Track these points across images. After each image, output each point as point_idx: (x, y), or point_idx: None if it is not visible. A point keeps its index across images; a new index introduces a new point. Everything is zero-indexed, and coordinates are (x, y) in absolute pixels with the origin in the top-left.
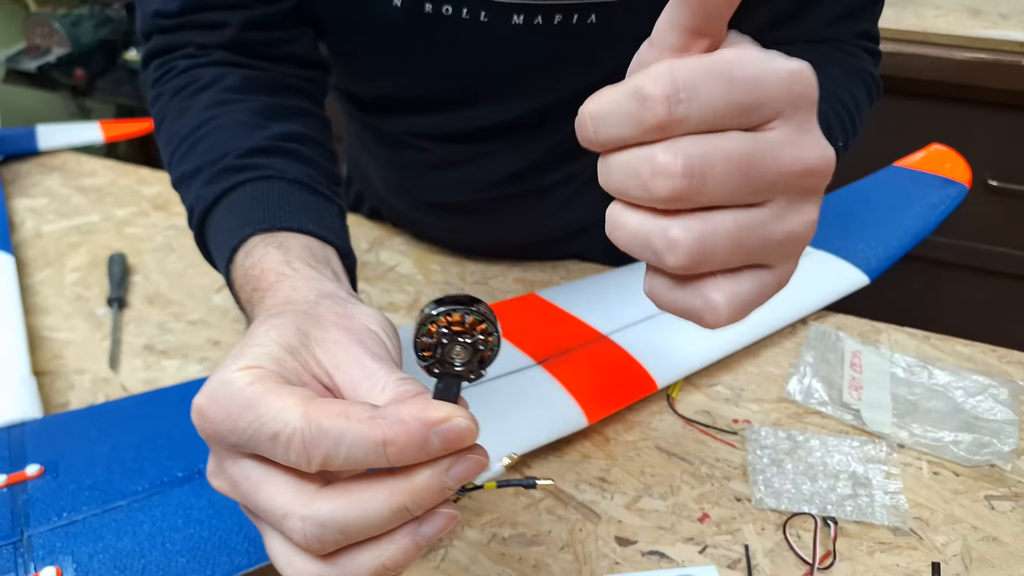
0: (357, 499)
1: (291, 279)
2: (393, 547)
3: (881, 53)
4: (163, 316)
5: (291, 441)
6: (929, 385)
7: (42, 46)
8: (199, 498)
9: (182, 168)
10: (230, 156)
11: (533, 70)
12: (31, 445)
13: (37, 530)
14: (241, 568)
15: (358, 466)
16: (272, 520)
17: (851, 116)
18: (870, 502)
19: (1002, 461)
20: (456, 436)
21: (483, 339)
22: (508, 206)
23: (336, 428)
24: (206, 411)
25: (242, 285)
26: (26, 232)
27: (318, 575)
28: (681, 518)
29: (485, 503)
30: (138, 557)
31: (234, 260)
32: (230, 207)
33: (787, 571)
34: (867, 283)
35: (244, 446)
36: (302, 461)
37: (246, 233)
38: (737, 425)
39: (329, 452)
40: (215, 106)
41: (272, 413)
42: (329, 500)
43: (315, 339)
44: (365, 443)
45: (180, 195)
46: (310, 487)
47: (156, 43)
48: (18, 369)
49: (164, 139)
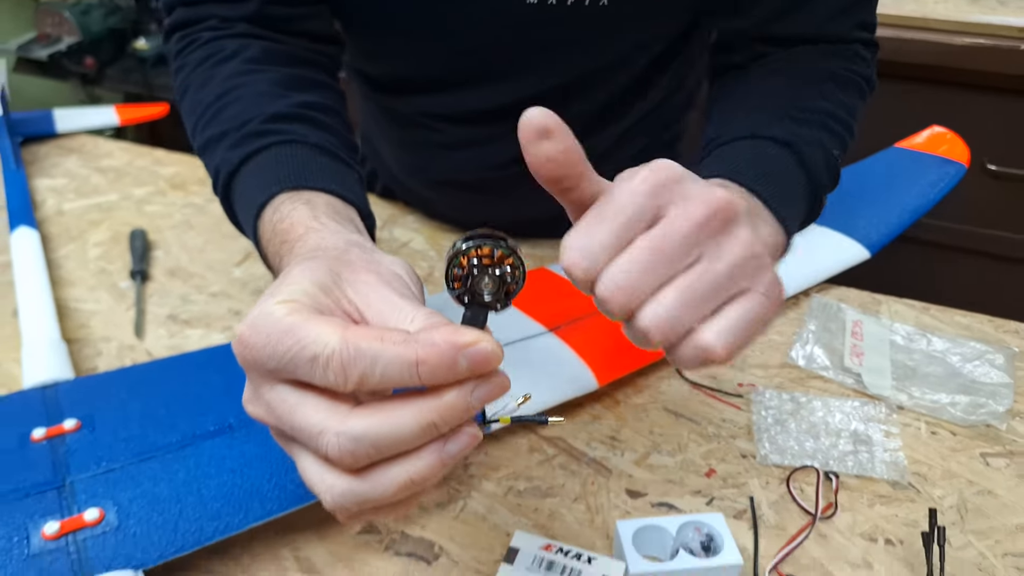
0: (389, 415)
1: (319, 232)
2: (420, 463)
3: (878, 44)
4: (185, 288)
5: (330, 361)
6: (928, 351)
7: (53, 35)
8: (231, 449)
9: (207, 134)
10: (254, 122)
11: (544, 51)
12: (66, 403)
13: (78, 476)
14: (272, 513)
15: (391, 385)
16: (307, 438)
17: (847, 128)
18: (870, 458)
19: (997, 421)
20: (483, 358)
21: (510, 272)
22: (518, 184)
23: (373, 349)
24: (247, 338)
25: (270, 239)
26: (48, 210)
27: (349, 489)
28: (689, 473)
29: (501, 459)
30: (175, 502)
31: (261, 216)
32: (256, 169)
33: (791, 521)
34: (868, 257)
35: (283, 370)
36: (339, 381)
37: (273, 191)
38: (742, 388)
39: (365, 371)
40: (238, 75)
41: (312, 337)
42: (363, 417)
43: (346, 280)
44: (399, 363)
45: (204, 161)
46: (344, 406)
47: (179, 15)
48: (49, 334)
49: (188, 108)
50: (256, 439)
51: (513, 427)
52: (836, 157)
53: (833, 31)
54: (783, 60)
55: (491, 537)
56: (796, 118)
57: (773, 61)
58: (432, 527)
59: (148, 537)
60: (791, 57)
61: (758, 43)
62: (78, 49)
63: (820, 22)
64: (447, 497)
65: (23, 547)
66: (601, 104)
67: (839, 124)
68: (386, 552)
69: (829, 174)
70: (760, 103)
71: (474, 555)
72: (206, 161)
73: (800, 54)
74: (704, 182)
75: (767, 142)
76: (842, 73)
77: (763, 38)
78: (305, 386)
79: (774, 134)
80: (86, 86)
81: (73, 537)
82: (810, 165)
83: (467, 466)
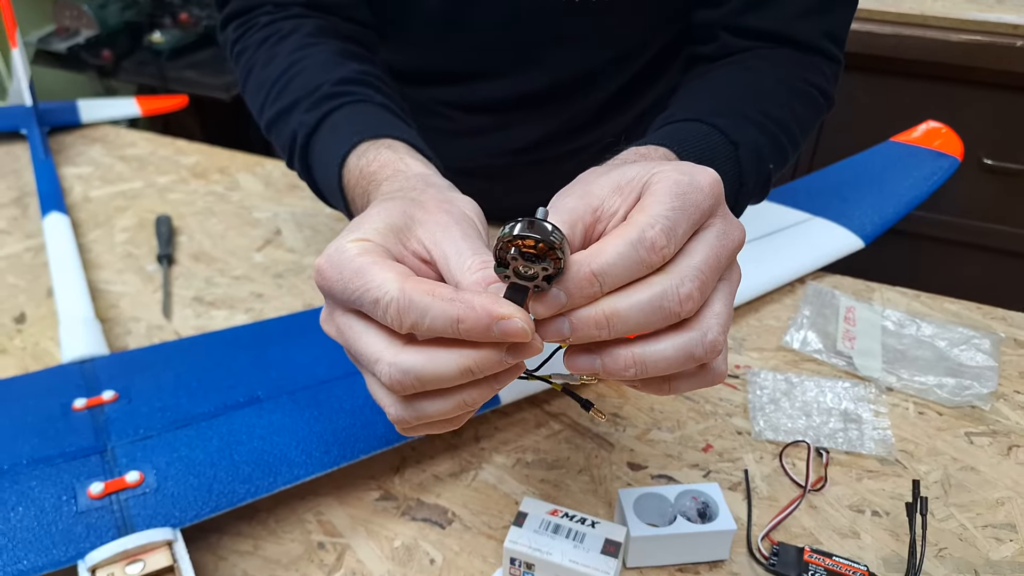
0: (433, 356)
1: (404, 173)
2: (456, 400)
3: (843, 61)
4: (209, 272)
5: (388, 307)
6: (917, 336)
7: (71, 28)
8: (259, 418)
9: (277, 106)
10: (325, 86)
11: (563, 43)
12: (104, 375)
13: (119, 443)
14: (299, 477)
15: (437, 334)
16: (367, 363)
17: (794, 142)
18: (860, 435)
19: (982, 402)
20: (513, 332)
21: (552, 263)
22: (522, 173)
23: (424, 302)
24: (324, 271)
25: (357, 182)
26: (75, 197)
27: (396, 410)
28: (687, 448)
29: (510, 433)
30: (209, 466)
31: (346, 164)
32: (333, 126)
33: (783, 493)
34: (862, 246)
35: (351, 304)
36: (395, 324)
37: (355, 140)
38: (739, 370)
39: (416, 320)
40: (300, 49)
41: (376, 282)
42: (412, 353)
43: (418, 221)
44: (444, 317)
45: (276, 133)
46: (398, 342)
47: (234, 5)
48: (84, 312)
49: (253, 88)
50: (283, 409)
51: (521, 404)
52: (771, 170)
53: (801, 32)
54: (750, 59)
55: (501, 504)
56: (753, 120)
57: (741, 58)
58: (446, 495)
59: (185, 498)
60: (759, 58)
61: (727, 34)
62: (95, 42)
63: (788, 19)
64: (460, 467)
65: (71, 504)
66: (612, 93)
67: (787, 136)
68: (403, 517)
69: (758, 180)
70: (723, 95)
71: (485, 520)
72: (279, 131)
73: (768, 56)
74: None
75: (717, 134)
76: (801, 86)
77: (732, 29)
78: (369, 319)
79: (727, 131)
80: (102, 78)
81: (117, 497)
82: (745, 166)
83: (479, 439)
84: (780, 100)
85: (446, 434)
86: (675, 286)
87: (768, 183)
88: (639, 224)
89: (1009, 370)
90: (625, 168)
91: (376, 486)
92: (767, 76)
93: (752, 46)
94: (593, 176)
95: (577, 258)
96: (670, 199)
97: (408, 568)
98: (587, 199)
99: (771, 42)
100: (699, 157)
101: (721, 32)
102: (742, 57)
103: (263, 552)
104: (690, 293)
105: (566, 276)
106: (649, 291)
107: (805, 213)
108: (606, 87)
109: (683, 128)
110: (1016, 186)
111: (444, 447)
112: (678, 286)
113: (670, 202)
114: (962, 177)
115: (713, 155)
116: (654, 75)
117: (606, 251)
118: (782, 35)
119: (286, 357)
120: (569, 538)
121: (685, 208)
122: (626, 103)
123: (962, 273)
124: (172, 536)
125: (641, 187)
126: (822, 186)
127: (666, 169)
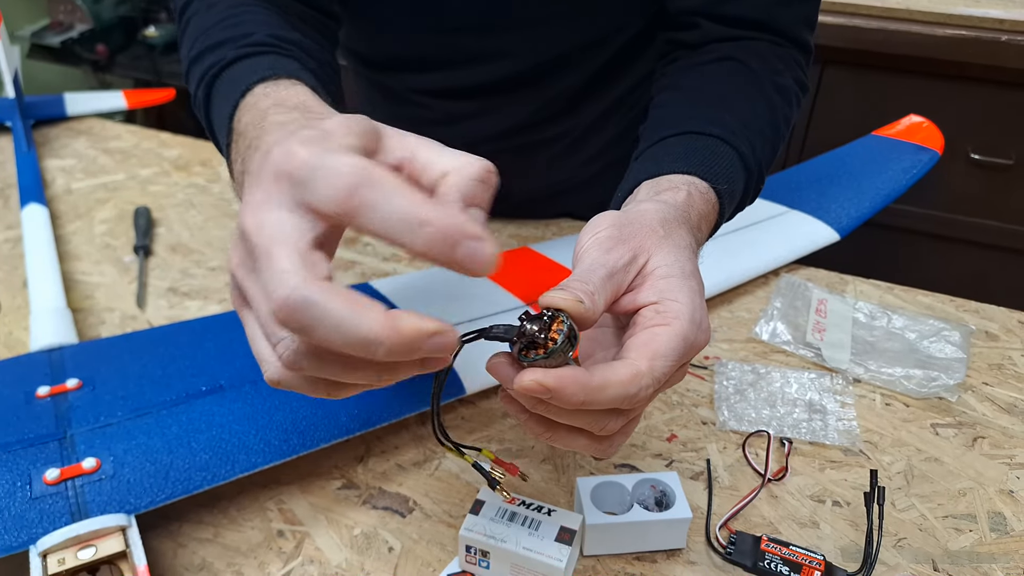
0: (352, 307)
1: (305, 104)
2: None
3: (813, 48)
4: (185, 263)
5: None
6: (888, 328)
7: (65, 22)
8: (220, 407)
9: (204, 43)
10: (258, 35)
11: (532, 28)
12: (70, 364)
13: (78, 430)
14: (257, 465)
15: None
16: (267, 279)
17: (782, 141)
18: (824, 426)
19: (948, 394)
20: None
21: (546, 345)
22: (502, 161)
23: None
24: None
25: (257, 102)
26: (57, 189)
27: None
28: (651, 438)
29: (475, 423)
30: (166, 453)
31: (252, 90)
32: (253, 63)
33: (744, 483)
34: (837, 239)
35: (311, 193)
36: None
37: (268, 75)
38: (708, 361)
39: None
40: (240, 5)
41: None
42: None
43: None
44: (355, 332)
45: (193, 70)
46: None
47: None
48: (56, 302)
49: (189, 37)
50: (245, 398)
51: (487, 393)
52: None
53: (781, 18)
54: (732, 52)
55: (463, 493)
56: (761, 133)
57: (720, 50)
58: (408, 484)
59: (140, 484)
60: (740, 51)
61: (708, 22)
62: (90, 36)
63: (768, 5)
64: (424, 457)
65: (26, 490)
66: (586, 78)
67: (781, 142)
68: (364, 505)
69: (756, 193)
70: (730, 106)
71: (445, 509)
72: (196, 68)
73: (748, 48)
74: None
75: (735, 156)
76: (783, 82)
77: (713, 16)
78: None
79: (744, 156)
80: (97, 73)
81: (72, 483)
82: (750, 188)
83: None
84: (775, 104)
85: (412, 424)
86: (640, 390)
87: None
88: (639, 375)
89: (979, 362)
90: (644, 240)
91: (339, 475)
92: (763, 79)
93: (733, 34)
94: (612, 235)
95: (577, 379)
96: (676, 356)
97: (366, 556)
98: (605, 268)
99: (751, 29)
100: (717, 177)
101: (701, 19)
102: (730, 51)
103: (222, 540)
104: (649, 396)
105: (560, 386)
106: (615, 393)
107: (782, 206)
108: (580, 73)
109: (702, 147)
110: (1003, 181)
111: (410, 437)
112: (643, 389)
113: (675, 357)
114: (949, 172)
115: (732, 179)
116: (628, 61)
117: (608, 388)
118: (762, 22)
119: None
120: (524, 526)
121: (681, 359)
122: (601, 89)
123: (949, 268)
124: (126, 522)
125: (651, 279)
126: (801, 180)
127: (682, 303)
